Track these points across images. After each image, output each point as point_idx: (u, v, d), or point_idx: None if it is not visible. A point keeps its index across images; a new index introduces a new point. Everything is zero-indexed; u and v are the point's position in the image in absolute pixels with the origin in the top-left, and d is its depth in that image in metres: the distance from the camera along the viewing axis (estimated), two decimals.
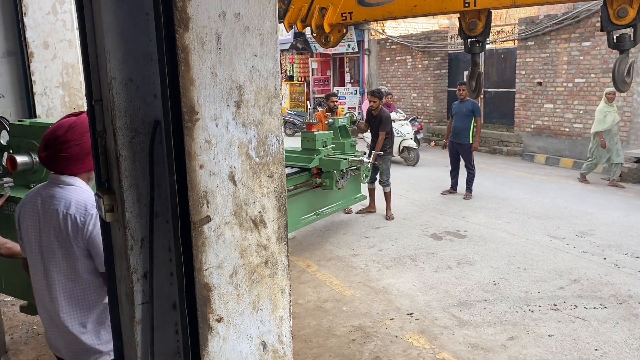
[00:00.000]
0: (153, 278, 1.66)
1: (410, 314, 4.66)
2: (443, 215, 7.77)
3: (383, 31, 17.27)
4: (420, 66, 15.81)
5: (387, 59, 17.08)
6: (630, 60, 3.28)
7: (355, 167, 6.50)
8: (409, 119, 12.74)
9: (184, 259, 1.57)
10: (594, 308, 4.69)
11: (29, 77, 5.32)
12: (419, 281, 5.39)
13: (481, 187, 9.16)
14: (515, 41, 13.09)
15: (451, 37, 15.08)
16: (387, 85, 16.01)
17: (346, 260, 6.07)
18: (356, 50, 18.25)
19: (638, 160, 9.66)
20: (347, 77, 19.82)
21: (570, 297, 4.92)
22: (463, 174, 8.84)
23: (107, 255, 1.96)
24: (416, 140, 12.21)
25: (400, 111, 12.98)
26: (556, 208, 7.99)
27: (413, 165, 11.69)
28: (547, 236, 6.69)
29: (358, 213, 7.90)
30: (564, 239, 6.55)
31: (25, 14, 5.17)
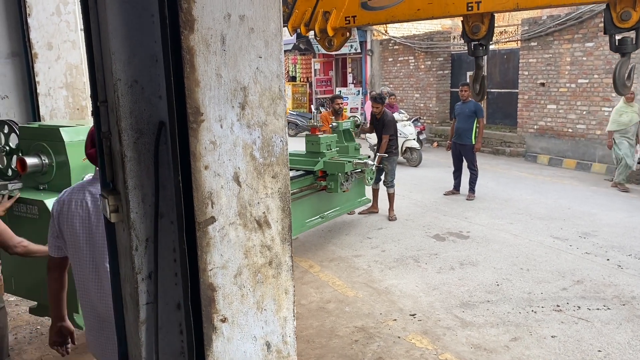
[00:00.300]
0: (158, 278, 1.67)
1: (413, 315, 4.66)
2: (446, 216, 7.77)
3: (386, 32, 17.27)
4: (422, 67, 15.81)
5: (390, 60, 17.08)
6: (631, 63, 3.28)
7: (359, 170, 6.51)
8: (412, 120, 12.73)
9: (189, 260, 1.58)
10: (597, 309, 4.68)
11: (33, 78, 5.33)
12: (422, 282, 5.39)
13: (484, 188, 9.15)
14: (518, 42, 13.07)
15: (454, 38, 15.07)
16: (390, 86, 16.01)
17: (349, 261, 6.08)
18: (359, 50, 18.25)
19: None
20: (350, 78, 19.82)
21: (573, 298, 4.91)
22: (466, 175, 8.83)
23: (112, 255, 1.97)
24: (419, 140, 12.20)
25: (403, 112, 12.98)
26: (559, 209, 7.98)
27: (416, 165, 11.69)
28: (550, 237, 6.68)
29: (361, 214, 7.90)
30: (567, 240, 6.54)
31: (29, 15, 5.20)
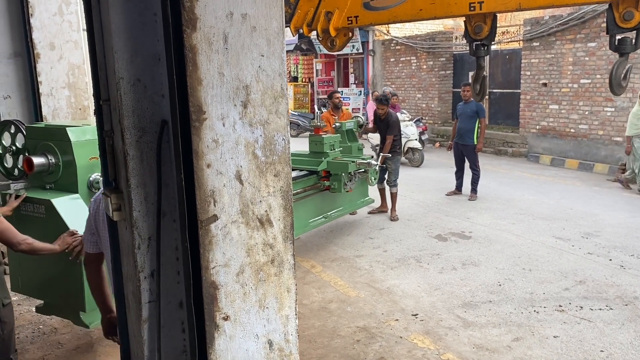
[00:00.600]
0: (160, 277, 1.67)
1: (415, 315, 4.66)
2: (448, 216, 7.76)
3: (387, 32, 17.27)
4: (425, 67, 15.80)
5: (392, 60, 17.08)
6: (628, 64, 3.29)
7: (363, 170, 6.52)
8: (414, 120, 12.73)
9: (191, 258, 1.58)
10: (600, 309, 4.67)
11: (35, 78, 5.34)
12: (424, 282, 5.38)
13: (486, 188, 9.14)
14: (520, 42, 13.06)
15: (456, 38, 15.06)
16: (392, 86, 16.01)
17: (351, 261, 6.07)
18: (360, 51, 18.26)
19: None
20: (352, 78, 19.82)
21: (575, 299, 4.90)
22: (468, 175, 8.82)
23: (114, 253, 1.97)
24: (421, 141, 12.20)
25: (405, 112, 12.98)
26: (561, 209, 7.97)
27: (418, 166, 11.68)
28: (553, 237, 6.67)
29: (370, 213, 7.91)
30: (569, 240, 6.53)
31: (31, 15, 5.20)
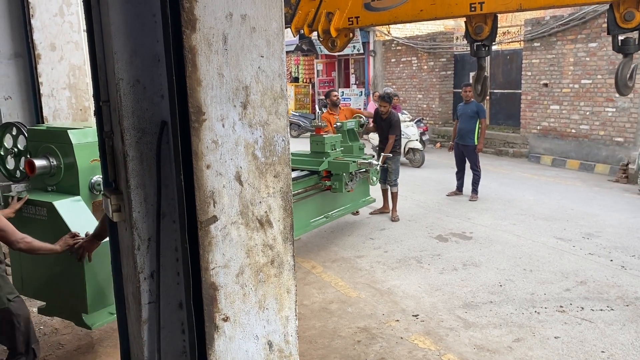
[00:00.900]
0: (160, 277, 1.67)
1: (415, 316, 4.65)
2: (449, 216, 7.76)
3: (388, 32, 17.27)
4: (425, 67, 15.80)
5: (393, 60, 17.07)
6: (633, 64, 3.28)
7: (364, 170, 6.51)
8: (415, 121, 12.72)
9: (191, 259, 1.58)
10: (601, 310, 4.66)
11: (36, 79, 5.35)
12: (425, 283, 5.38)
13: (487, 189, 9.13)
14: (521, 42, 13.05)
15: (457, 38, 15.06)
16: (393, 86, 16.00)
17: (351, 261, 6.07)
18: (361, 51, 18.25)
19: None
20: (353, 79, 19.82)
21: (576, 299, 4.89)
22: (469, 176, 8.82)
23: (114, 254, 1.97)
24: (422, 141, 12.19)
25: (405, 112, 12.97)
26: (562, 210, 7.96)
27: (418, 166, 11.68)
28: (553, 238, 6.66)
29: (372, 214, 7.91)
30: (570, 241, 6.53)
31: (32, 16, 5.21)
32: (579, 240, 6.55)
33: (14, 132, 3.76)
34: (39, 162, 3.36)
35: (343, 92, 17.95)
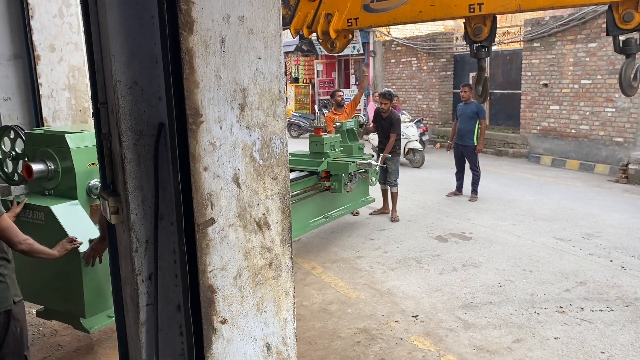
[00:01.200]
0: (158, 280, 1.67)
1: (415, 316, 4.65)
2: (448, 217, 7.75)
3: (388, 33, 17.26)
4: (425, 68, 15.79)
5: (393, 61, 17.07)
6: (636, 64, 3.27)
7: (363, 170, 6.51)
8: (414, 121, 12.72)
9: (189, 261, 1.58)
10: (600, 310, 4.66)
11: (36, 80, 5.35)
12: (424, 283, 5.38)
13: (487, 189, 9.13)
14: (520, 42, 13.05)
15: (456, 39, 15.05)
16: (393, 87, 16.00)
17: (351, 262, 6.07)
18: (361, 52, 18.25)
19: None
20: (353, 79, 19.81)
21: (576, 300, 4.89)
22: (468, 176, 8.81)
23: (112, 256, 1.97)
24: (421, 142, 12.19)
25: (405, 113, 12.97)
26: (562, 210, 7.95)
27: (418, 167, 11.67)
28: (553, 238, 6.66)
29: (372, 214, 7.91)
30: (570, 241, 6.52)
31: (32, 17, 5.21)
32: (579, 240, 6.55)
33: (12, 136, 3.76)
34: (37, 166, 3.35)
35: (343, 92, 17.93)
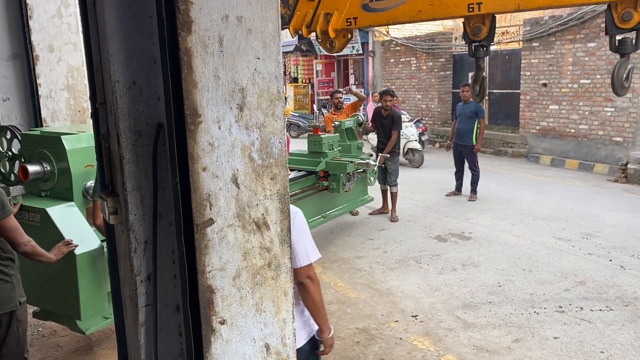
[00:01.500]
0: (157, 280, 1.67)
1: (414, 316, 4.65)
2: (448, 217, 7.75)
3: (387, 33, 17.26)
4: (424, 67, 15.80)
5: (392, 61, 17.07)
6: (630, 65, 3.27)
7: (361, 170, 6.51)
8: (414, 121, 12.72)
9: (188, 262, 1.57)
10: (600, 310, 4.66)
11: (34, 80, 5.34)
12: (424, 283, 5.38)
13: (486, 189, 9.13)
14: (520, 42, 13.05)
15: (456, 39, 15.06)
16: (392, 87, 16.01)
17: (350, 262, 6.07)
18: (360, 52, 18.25)
19: None
20: (352, 79, 19.82)
21: (575, 299, 4.89)
22: (468, 176, 8.81)
23: (111, 257, 1.96)
24: (421, 141, 12.19)
25: (404, 113, 12.97)
26: (561, 210, 7.96)
27: (417, 166, 11.68)
28: (553, 238, 6.66)
29: (372, 214, 7.91)
30: (570, 241, 6.52)
31: (30, 17, 5.20)
32: (578, 240, 6.55)
33: (8, 136, 3.76)
34: (32, 168, 3.35)
35: (343, 94, 17.92)
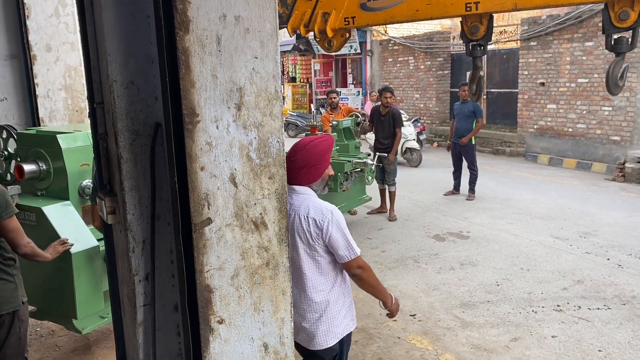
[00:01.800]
0: (155, 280, 1.67)
1: (413, 315, 4.66)
2: (446, 216, 7.76)
3: (385, 32, 17.27)
4: (422, 67, 15.80)
5: (390, 60, 17.08)
6: (625, 64, 3.28)
7: (359, 169, 6.51)
8: (412, 120, 12.72)
9: (186, 261, 1.57)
10: (598, 309, 4.67)
11: (32, 80, 5.33)
12: (422, 282, 5.38)
13: (484, 188, 9.14)
14: (517, 41, 13.06)
15: (453, 38, 15.06)
16: (390, 86, 15.99)
17: None
18: (358, 51, 18.25)
19: None
20: (350, 79, 19.82)
21: (573, 298, 4.90)
22: (466, 175, 8.82)
23: (109, 257, 1.96)
24: (419, 141, 12.20)
25: (402, 112, 12.97)
26: (559, 209, 7.97)
27: (416, 166, 11.68)
28: (551, 237, 6.67)
29: (370, 213, 7.91)
30: (567, 240, 6.53)
31: (27, 17, 5.19)
32: (576, 239, 6.56)
33: (4, 135, 3.76)
34: (28, 167, 3.34)
35: (340, 92, 17.94)
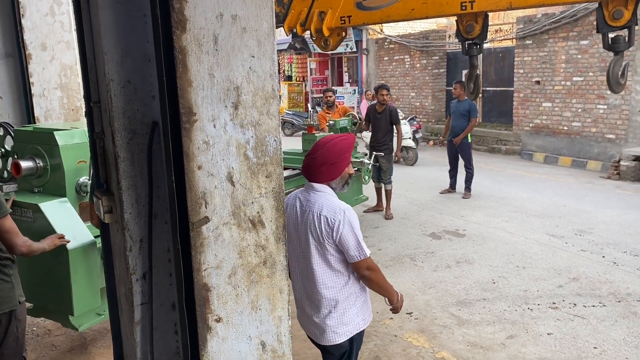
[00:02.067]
0: (152, 279, 1.67)
1: (409, 314, 4.67)
2: (442, 214, 7.78)
3: (381, 31, 17.27)
4: (418, 65, 15.82)
5: (386, 59, 17.09)
6: (624, 61, 3.30)
7: (356, 169, 6.51)
8: (408, 119, 12.74)
9: (183, 260, 1.58)
10: (593, 306, 4.69)
11: (27, 79, 5.32)
12: (418, 280, 5.39)
13: (480, 186, 9.16)
14: (513, 40, 13.09)
15: (449, 36, 15.08)
16: (386, 84, 16.00)
17: None
18: (354, 50, 18.25)
19: (636, 158, 9.66)
20: (346, 77, 19.82)
21: (569, 296, 4.92)
22: (462, 173, 8.84)
23: (106, 255, 1.96)
24: (415, 139, 12.21)
25: (398, 110, 12.99)
26: (555, 206, 8.00)
27: (412, 164, 11.70)
28: (546, 235, 6.70)
29: (366, 212, 7.92)
30: (563, 238, 6.56)
31: (23, 16, 5.17)
32: (572, 237, 6.59)
33: (1, 133, 3.75)
34: (25, 164, 3.34)
35: (336, 90, 17.93)
